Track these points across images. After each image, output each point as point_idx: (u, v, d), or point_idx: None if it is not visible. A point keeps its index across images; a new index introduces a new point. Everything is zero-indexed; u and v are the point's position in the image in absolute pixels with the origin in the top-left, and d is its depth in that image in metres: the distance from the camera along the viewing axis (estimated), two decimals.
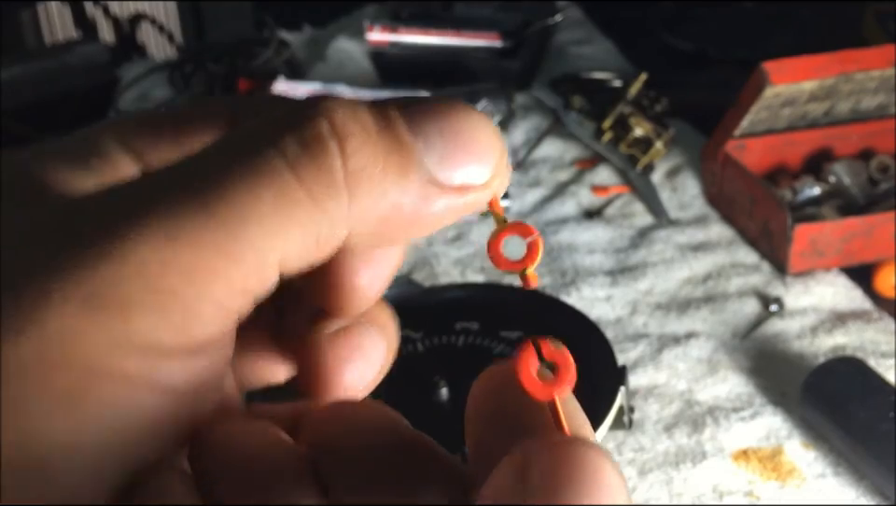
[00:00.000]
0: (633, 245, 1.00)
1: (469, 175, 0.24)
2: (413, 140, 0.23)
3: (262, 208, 0.21)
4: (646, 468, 0.75)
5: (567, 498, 0.21)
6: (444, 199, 0.24)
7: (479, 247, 1.00)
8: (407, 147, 0.23)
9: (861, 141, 1.05)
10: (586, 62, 1.31)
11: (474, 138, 0.24)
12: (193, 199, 0.21)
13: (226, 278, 0.21)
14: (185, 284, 0.21)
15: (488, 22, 1.32)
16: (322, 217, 0.22)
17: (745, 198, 0.99)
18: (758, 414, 0.79)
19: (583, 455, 0.22)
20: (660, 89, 1.16)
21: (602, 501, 0.21)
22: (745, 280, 0.94)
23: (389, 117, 0.23)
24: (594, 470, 0.21)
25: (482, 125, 0.24)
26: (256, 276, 0.22)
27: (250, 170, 0.21)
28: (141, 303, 0.21)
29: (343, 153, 0.22)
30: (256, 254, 0.21)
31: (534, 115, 1.20)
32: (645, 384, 0.82)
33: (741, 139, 1.02)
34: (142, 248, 0.21)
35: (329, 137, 0.22)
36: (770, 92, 0.97)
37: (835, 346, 0.86)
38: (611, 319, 0.90)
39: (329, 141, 0.22)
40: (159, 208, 0.21)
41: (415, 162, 0.23)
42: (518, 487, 0.21)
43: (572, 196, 1.07)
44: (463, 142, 0.24)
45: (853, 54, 0.99)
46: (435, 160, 0.23)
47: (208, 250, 0.21)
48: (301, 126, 0.22)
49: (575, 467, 0.21)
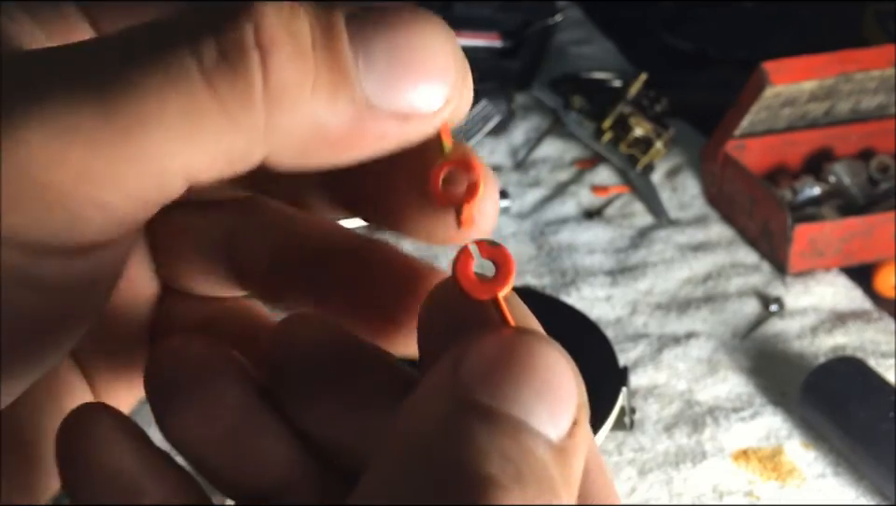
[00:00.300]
0: (633, 246, 1.00)
1: (415, 100, 0.21)
2: (353, 56, 0.21)
3: (167, 114, 0.19)
4: (646, 468, 0.75)
5: (504, 385, 0.20)
6: (381, 125, 0.21)
7: None
8: (344, 64, 0.20)
9: (861, 141, 1.05)
10: (586, 62, 1.31)
11: (427, 58, 0.21)
12: (93, 94, 0.19)
13: (119, 184, 0.20)
14: (72, 185, 0.19)
15: (488, 22, 1.32)
16: (234, 132, 0.20)
17: (745, 198, 0.99)
18: (758, 414, 0.79)
19: (525, 341, 0.20)
20: (660, 89, 1.16)
21: (545, 386, 0.20)
22: (745, 280, 0.94)
23: (331, 25, 0.21)
24: (533, 354, 0.20)
25: (439, 42, 0.22)
26: (154, 185, 0.20)
27: (159, 70, 0.19)
28: (22, 199, 0.19)
29: (264, 67, 0.20)
30: (155, 162, 0.20)
31: (534, 115, 1.20)
32: (645, 384, 0.82)
33: (741, 139, 1.02)
34: (32, 141, 0.19)
35: (251, 48, 0.20)
36: (770, 92, 0.97)
37: (835, 346, 0.86)
38: (611, 319, 0.90)
39: (251, 52, 0.20)
40: (55, 99, 0.19)
41: (351, 83, 0.21)
42: (453, 378, 0.20)
43: (572, 196, 1.07)
44: (412, 62, 0.21)
45: (853, 54, 0.99)
46: (375, 81, 0.21)
47: (102, 152, 0.19)
48: (223, 29, 0.20)
49: (513, 353, 0.20)
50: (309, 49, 0.20)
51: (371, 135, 0.21)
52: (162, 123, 0.19)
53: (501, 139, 1.16)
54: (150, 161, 0.20)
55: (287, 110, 0.20)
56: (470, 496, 0.18)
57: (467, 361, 0.20)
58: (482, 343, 0.20)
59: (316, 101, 0.20)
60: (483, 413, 0.19)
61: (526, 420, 0.19)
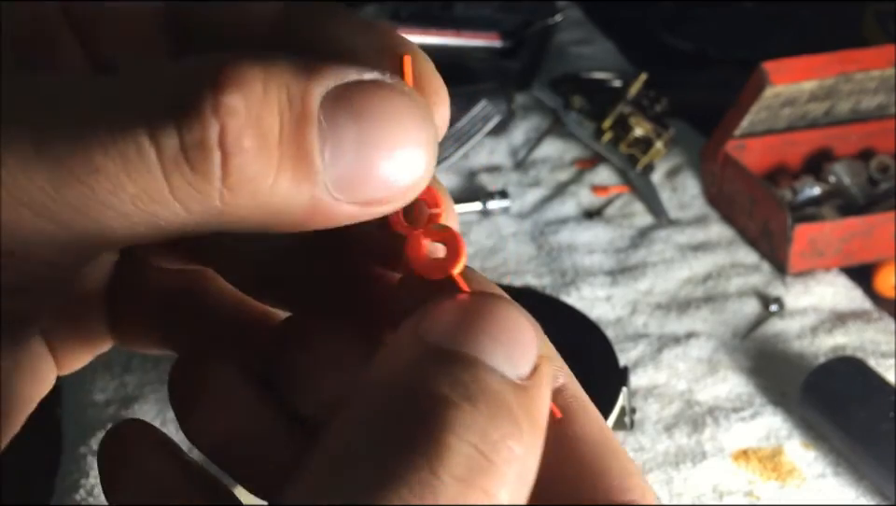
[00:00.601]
0: (633, 246, 1.00)
1: (378, 192, 0.21)
2: (320, 148, 0.20)
3: (118, 198, 0.19)
4: (646, 468, 0.75)
5: (462, 332, 0.21)
6: (343, 210, 0.21)
7: (479, 247, 1.00)
8: (309, 158, 0.20)
9: (861, 141, 1.05)
10: (586, 62, 1.31)
11: (397, 152, 0.21)
12: (47, 163, 0.19)
13: (46, 242, 0.20)
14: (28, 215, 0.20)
15: (488, 22, 1.32)
16: (186, 217, 0.20)
17: (745, 198, 0.99)
18: (758, 414, 0.79)
19: (483, 298, 0.22)
20: (660, 89, 1.16)
21: (502, 333, 0.21)
22: (745, 280, 0.94)
23: (303, 115, 0.20)
24: (490, 308, 0.21)
25: (413, 133, 0.21)
26: (83, 247, 0.20)
27: (116, 154, 0.19)
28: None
29: (225, 167, 0.19)
30: (92, 228, 0.20)
31: (534, 115, 1.20)
32: (645, 384, 0.82)
33: (741, 139, 1.02)
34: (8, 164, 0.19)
35: (213, 148, 0.19)
36: (770, 92, 0.97)
37: (835, 346, 0.86)
38: (611, 319, 0.90)
39: (213, 153, 0.19)
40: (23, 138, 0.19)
41: (313, 177, 0.20)
42: (416, 332, 0.21)
43: (572, 196, 1.07)
44: (380, 156, 0.21)
45: (853, 54, 0.99)
46: (340, 172, 0.21)
47: (38, 206, 0.19)
48: (188, 121, 0.19)
49: (472, 308, 0.21)
50: (275, 143, 0.20)
51: (329, 219, 0.21)
52: (112, 206, 0.19)
53: (501, 139, 1.16)
54: (85, 227, 0.20)
55: (244, 199, 0.20)
56: (423, 411, 0.19)
57: (428, 318, 0.21)
58: (442, 303, 0.22)
59: (276, 192, 0.20)
60: (441, 353, 0.20)
61: (482, 358, 0.20)
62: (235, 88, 0.19)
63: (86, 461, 0.77)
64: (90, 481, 0.75)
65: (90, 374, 0.85)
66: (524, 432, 0.20)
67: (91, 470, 0.76)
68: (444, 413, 0.19)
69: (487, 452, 0.19)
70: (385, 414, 0.20)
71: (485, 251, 0.99)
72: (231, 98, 0.19)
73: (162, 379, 0.83)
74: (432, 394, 0.20)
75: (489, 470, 0.19)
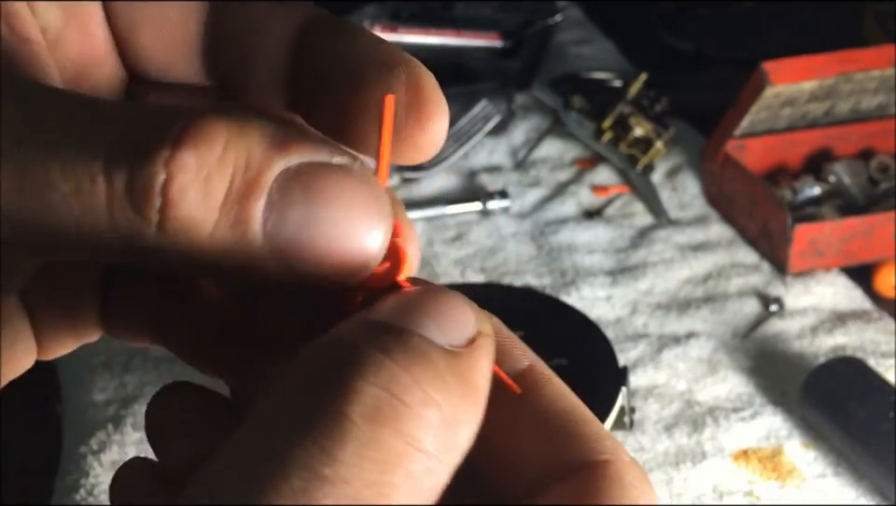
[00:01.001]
0: (633, 246, 1.00)
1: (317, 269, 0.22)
2: (263, 221, 0.22)
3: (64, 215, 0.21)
4: (646, 468, 0.75)
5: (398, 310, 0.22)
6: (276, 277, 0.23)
7: (479, 247, 1.00)
8: (248, 226, 0.22)
9: (861, 141, 1.05)
10: (586, 62, 1.31)
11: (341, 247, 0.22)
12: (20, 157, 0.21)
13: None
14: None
15: (488, 22, 1.32)
16: (122, 248, 0.22)
17: (745, 198, 0.99)
18: (758, 414, 0.79)
19: (423, 289, 0.22)
20: (660, 89, 1.16)
21: (436, 309, 0.22)
22: (745, 280, 0.94)
23: (256, 182, 0.21)
24: (428, 294, 0.22)
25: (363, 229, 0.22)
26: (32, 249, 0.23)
27: (74, 174, 0.21)
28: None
29: (163, 213, 0.21)
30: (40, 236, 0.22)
31: (534, 115, 1.20)
32: (645, 384, 0.82)
33: (741, 139, 1.02)
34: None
35: (155, 195, 0.21)
36: (770, 92, 0.97)
37: (835, 346, 0.86)
38: (611, 319, 0.90)
39: (154, 199, 0.21)
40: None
41: (248, 245, 0.22)
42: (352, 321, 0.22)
43: (572, 196, 1.07)
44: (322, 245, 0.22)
45: (853, 54, 0.99)
46: (277, 248, 0.22)
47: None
48: (140, 165, 0.21)
49: (411, 295, 0.22)
50: (217, 204, 0.21)
51: (267, 279, 0.22)
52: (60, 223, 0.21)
53: (501, 139, 1.16)
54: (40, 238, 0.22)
55: (178, 245, 0.21)
56: (340, 362, 0.20)
57: (372, 309, 0.22)
58: (386, 296, 0.23)
59: (211, 246, 0.22)
60: (375, 324, 0.21)
61: (413, 328, 0.21)
62: (192, 145, 0.21)
63: (86, 461, 0.77)
64: (90, 481, 0.75)
65: (89, 374, 0.85)
66: (448, 386, 0.21)
67: (91, 470, 0.76)
68: (358, 361, 0.20)
69: (399, 393, 0.20)
70: (309, 369, 0.21)
71: (485, 251, 0.99)
72: (184, 154, 0.21)
73: (163, 379, 0.83)
74: (353, 350, 0.21)
75: (404, 412, 0.20)
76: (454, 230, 1.02)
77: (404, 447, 0.20)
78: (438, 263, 0.98)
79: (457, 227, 1.03)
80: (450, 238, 1.01)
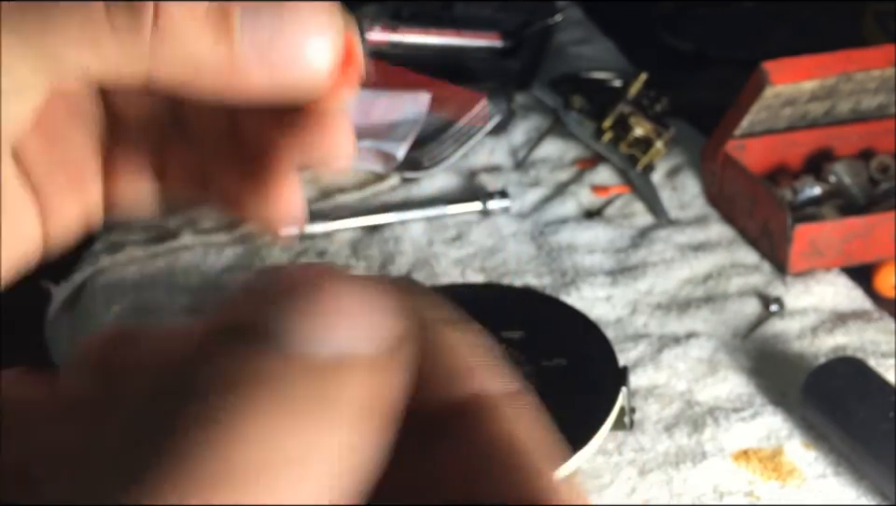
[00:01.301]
0: (633, 245, 1.00)
1: (289, 74, 0.25)
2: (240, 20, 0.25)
3: (68, 27, 0.24)
4: (646, 468, 0.75)
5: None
6: (254, 78, 0.25)
7: (479, 248, 1.00)
8: (228, 25, 0.24)
9: (862, 141, 1.05)
10: (586, 62, 1.30)
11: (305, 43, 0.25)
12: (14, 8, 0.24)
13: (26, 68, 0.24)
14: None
15: (488, 22, 1.32)
16: (122, 54, 0.24)
17: (745, 198, 0.99)
18: (758, 414, 0.79)
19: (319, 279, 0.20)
20: (660, 89, 1.16)
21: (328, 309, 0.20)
22: (745, 280, 0.94)
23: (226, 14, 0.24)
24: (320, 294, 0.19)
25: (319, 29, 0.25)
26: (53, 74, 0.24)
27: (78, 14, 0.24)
28: None
29: (155, 20, 0.24)
30: (53, 58, 0.24)
31: (534, 115, 1.20)
32: (645, 384, 0.82)
33: (741, 139, 1.02)
34: None
35: (147, 6, 0.24)
36: (770, 92, 0.97)
37: (835, 346, 0.86)
38: (611, 319, 0.90)
39: (147, 8, 0.24)
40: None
41: (230, 39, 0.25)
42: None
43: (572, 196, 1.07)
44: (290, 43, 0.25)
45: (853, 54, 0.99)
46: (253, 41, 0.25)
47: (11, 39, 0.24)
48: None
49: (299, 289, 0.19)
50: (203, 10, 0.24)
51: (244, 86, 0.25)
52: (62, 34, 0.24)
53: (501, 139, 1.16)
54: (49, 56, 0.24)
55: (170, 52, 0.24)
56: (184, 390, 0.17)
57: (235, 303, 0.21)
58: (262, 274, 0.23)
59: (198, 48, 0.24)
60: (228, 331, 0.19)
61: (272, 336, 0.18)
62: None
63: None
64: None
65: None
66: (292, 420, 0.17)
67: None
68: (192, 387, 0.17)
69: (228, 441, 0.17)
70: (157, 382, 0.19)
71: (485, 251, 0.99)
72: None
73: None
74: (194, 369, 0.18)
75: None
76: (454, 230, 1.02)
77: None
78: (438, 263, 0.98)
79: (457, 227, 1.03)
80: (450, 238, 1.01)
